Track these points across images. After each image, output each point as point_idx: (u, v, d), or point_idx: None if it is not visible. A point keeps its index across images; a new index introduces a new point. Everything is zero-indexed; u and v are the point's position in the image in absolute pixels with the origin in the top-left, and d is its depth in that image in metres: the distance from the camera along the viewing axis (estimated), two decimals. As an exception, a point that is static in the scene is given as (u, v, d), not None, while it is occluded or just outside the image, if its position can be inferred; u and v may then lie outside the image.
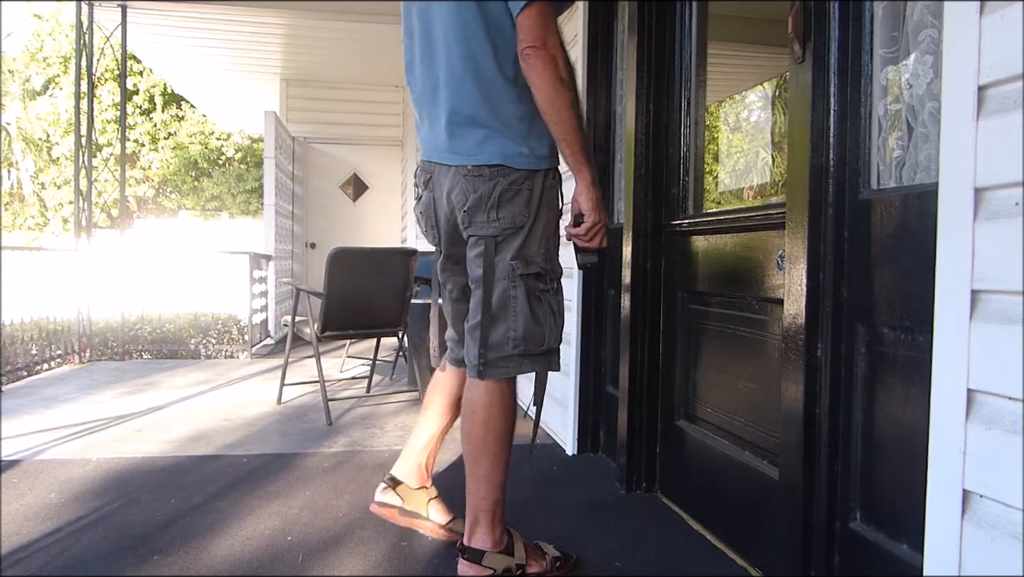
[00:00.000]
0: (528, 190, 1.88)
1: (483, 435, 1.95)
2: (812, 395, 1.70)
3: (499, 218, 1.86)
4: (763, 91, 5.52)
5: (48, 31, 18.52)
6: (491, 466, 1.96)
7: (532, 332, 1.89)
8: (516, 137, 1.87)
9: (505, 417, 1.96)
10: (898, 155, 1.57)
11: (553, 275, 1.94)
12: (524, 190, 1.88)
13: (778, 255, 1.92)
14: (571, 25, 3.47)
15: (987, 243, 1.16)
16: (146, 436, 3.44)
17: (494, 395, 1.93)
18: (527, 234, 1.88)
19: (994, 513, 1.15)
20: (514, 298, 1.88)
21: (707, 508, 2.35)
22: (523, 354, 1.90)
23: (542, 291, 1.91)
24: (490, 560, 1.93)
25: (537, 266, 1.89)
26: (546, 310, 1.91)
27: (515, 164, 1.86)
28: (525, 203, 1.87)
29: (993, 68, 1.15)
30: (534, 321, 1.89)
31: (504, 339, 1.89)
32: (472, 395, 1.95)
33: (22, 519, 2.35)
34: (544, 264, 1.91)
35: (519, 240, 1.88)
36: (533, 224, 1.88)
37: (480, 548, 1.94)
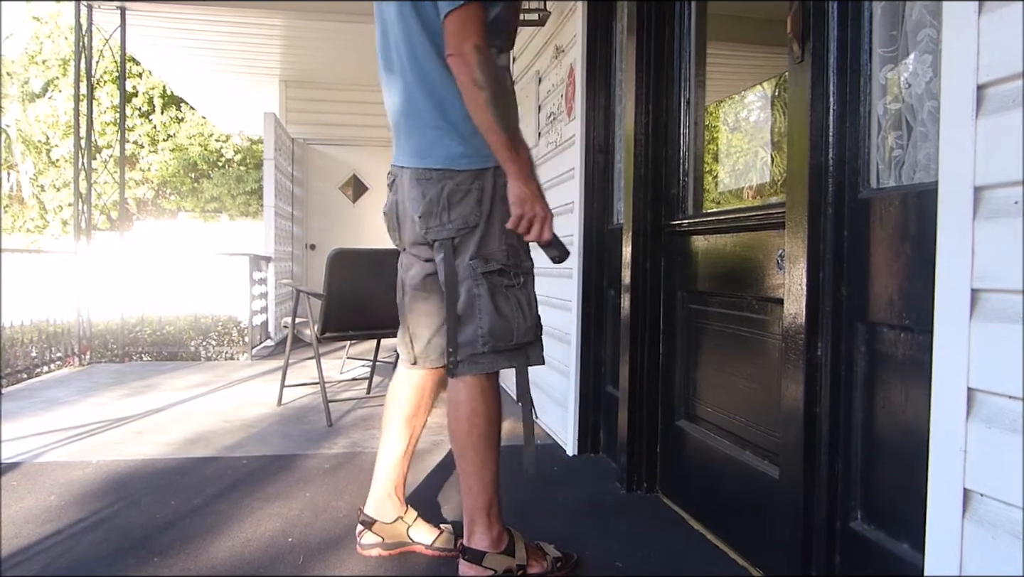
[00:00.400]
0: (478, 189, 1.89)
1: (467, 432, 1.97)
2: (812, 394, 1.70)
3: (451, 220, 1.89)
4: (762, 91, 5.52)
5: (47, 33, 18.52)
6: (480, 463, 1.97)
7: (499, 328, 1.90)
8: (461, 137, 1.89)
9: (487, 414, 1.97)
10: (897, 154, 1.57)
11: (519, 269, 1.93)
12: (474, 190, 1.89)
13: (778, 255, 1.92)
14: (570, 25, 3.48)
15: (987, 242, 1.16)
16: (146, 438, 3.44)
17: (473, 392, 1.95)
18: (483, 232, 1.89)
19: (995, 512, 1.15)
20: (478, 296, 1.90)
21: (708, 508, 2.35)
22: (494, 351, 1.92)
23: (507, 287, 1.92)
24: (491, 561, 1.93)
25: (498, 263, 1.90)
26: (512, 305, 1.92)
27: (459, 165, 1.89)
28: (476, 203, 1.89)
29: (992, 67, 1.15)
30: (500, 317, 1.90)
31: (474, 337, 1.91)
32: (453, 394, 1.97)
33: (22, 521, 2.35)
34: (507, 260, 1.91)
35: (476, 239, 1.89)
36: (488, 222, 1.89)
37: (480, 548, 1.94)
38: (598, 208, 3.23)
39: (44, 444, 3.28)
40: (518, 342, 1.93)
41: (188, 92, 9.11)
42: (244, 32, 6.48)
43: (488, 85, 1.77)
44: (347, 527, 2.33)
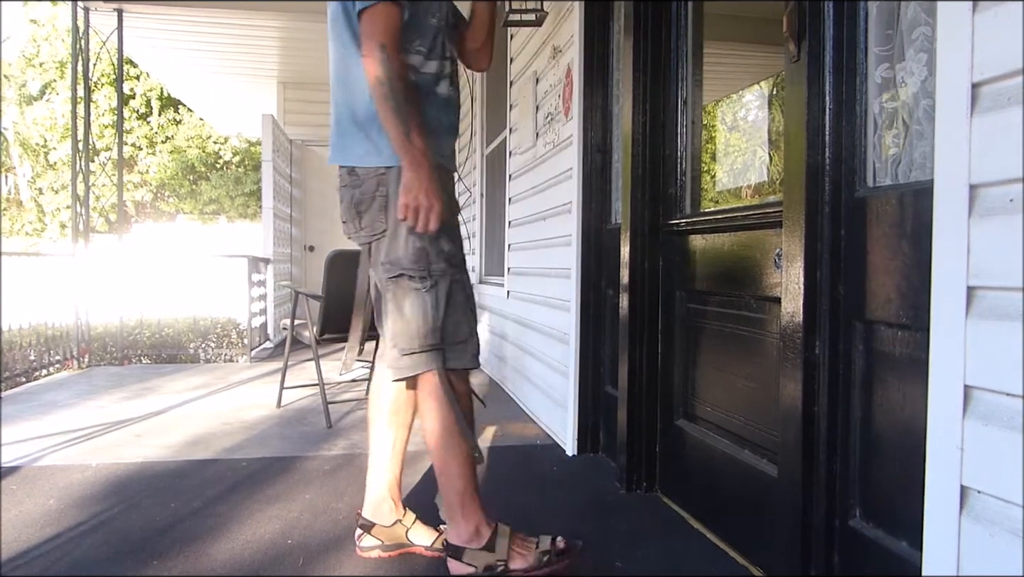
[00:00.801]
0: (382, 196, 1.95)
1: (423, 430, 2.02)
2: (810, 393, 1.70)
3: (363, 227, 1.99)
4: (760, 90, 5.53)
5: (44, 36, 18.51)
6: (442, 461, 1.99)
7: (401, 332, 1.95)
8: (367, 136, 1.95)
9: (434, 411, 1.97)
10: (893, 153, 1.58)
11: (426, 273, 1.94)
12: (378, 197, 1.95)
13: (775, 254, 1.92)
14: (567, 26, 3.48)
15: (982, 239, 1.16)
16: (145, 441, 3.44)
17: (417, 391, 2.01)
18: (391, 237, 1.95)
19: (992, 509, 1.15)
20: (386, 301, 1.96)
21: (707, 507, 2.36)
22: (406, 353, 1.95)
23: (415, 290, 1.94)
24: (470, 557, 1.95)
25: (400, 268, 1.94)
26: (416, 309, 1.93)
27: (364, 163, 1.94)
28: (380, 209, 1.95)
29: (986, 65, 1.16)
30: (403, 321, 1.95)
31: (392, 341, 1.97)
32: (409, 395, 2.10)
33: (21, 525, 2.35)
34: (412, 264, 1.94)
35: (385, 244, 1.96)
36: (395, 226, 1.93)
37: (458, 544, 1.97)
38: (596, 208, 3.23)
39: (43, 448, 3.28)
40: (424, 345, 1.94)
41: (186, 94, 9.11)
42: (242, 34, 6.48)
43: (387, 81, 1.83)
44: (347, 529, 2.33)
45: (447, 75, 2.06)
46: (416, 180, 1.84)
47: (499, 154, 5.35)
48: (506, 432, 3.65)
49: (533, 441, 3.49)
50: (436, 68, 2.02)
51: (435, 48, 2.02)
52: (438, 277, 1.95)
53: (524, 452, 3.31)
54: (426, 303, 1.93)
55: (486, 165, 6.08)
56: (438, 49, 2.02)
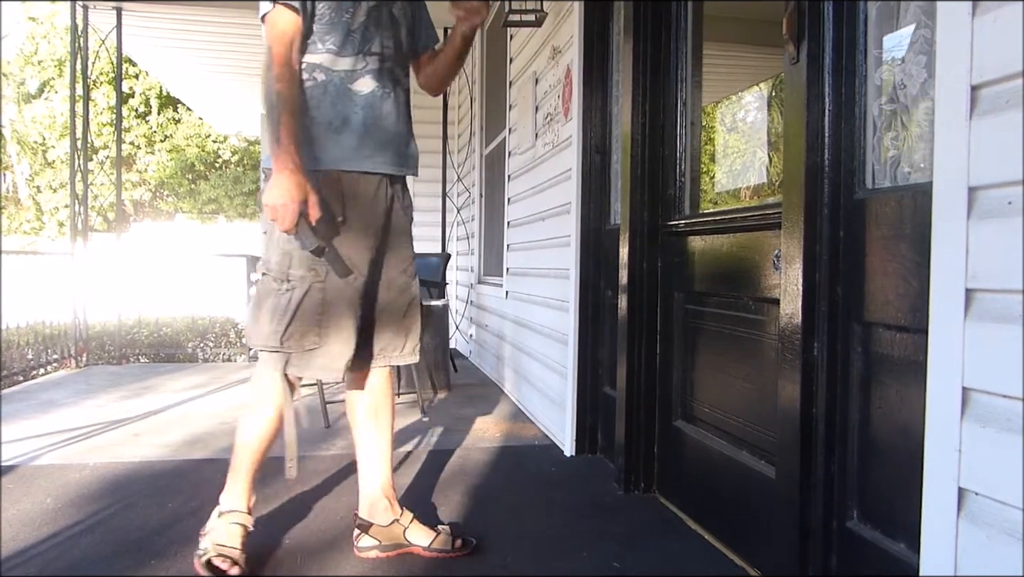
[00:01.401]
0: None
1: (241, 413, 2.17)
2: (808, 394, 1.70)
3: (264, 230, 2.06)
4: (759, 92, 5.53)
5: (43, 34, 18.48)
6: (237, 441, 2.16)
7: (252, 329, 2.04)
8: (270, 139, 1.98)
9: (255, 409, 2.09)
10: (893, 155, 1.58)
11: (285, 277, 1.97)
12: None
13: (774, 255, 1.92)
14: (567, 26, 3.48)
15: (981, 242, 1.16)
16: (143, 440, 3.44)
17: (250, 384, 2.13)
18: (268, 239, 2.01)
19: (990, 511, 1.15)
20: (253, 296, 2.04)
21: (705, 508, 2.36)
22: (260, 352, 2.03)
23: (273, 291, 1.99)
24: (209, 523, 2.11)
25: (266, 267, 2.00)
26: (268, 310, 1.99)
27: (267, 164, 1.97)
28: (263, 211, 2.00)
29: (986, 68, 1.16)
30: (255, 322, 2.02)
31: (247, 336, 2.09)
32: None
33: (18, 525, 2.35)
34: (275, 266, 1.99)
35: (264, 245, 2.04)
36: (271, 227, 1.97)
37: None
38: (595, 209, 3.23)
39: (41, 446, 3.28)
40: (266, 346, 1.99)
41: (185, 93, 9.09)
42: (241, 32, 6.46)
43: (269, 83, 1.89)
44: (344, 529, 2.32)
45: (369, 71, 2.04)
46: (276, 181, 1.86)
47: (498, 154, 5.35)
48: (504, 432, 3.65)
49: (531, 442, 3.49)
50: (350, 64, 2.01)
51: (348, 45, 2.00)
52: (296, 283, 1.96)
53: (522, 452, 3.31)
54: (278, 306, 1.97)
55: (485, 165, 6.08)
56: (352, 46, 2.01)
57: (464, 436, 3.55)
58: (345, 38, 2.00)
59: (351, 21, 2.01)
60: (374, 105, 2.04)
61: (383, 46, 2.06)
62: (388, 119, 2.08)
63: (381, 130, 2.06)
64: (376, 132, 2.05)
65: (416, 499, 2.61)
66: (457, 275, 6.97)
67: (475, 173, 6.28)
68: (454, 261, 6.81)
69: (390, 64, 2.08)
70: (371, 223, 2.06)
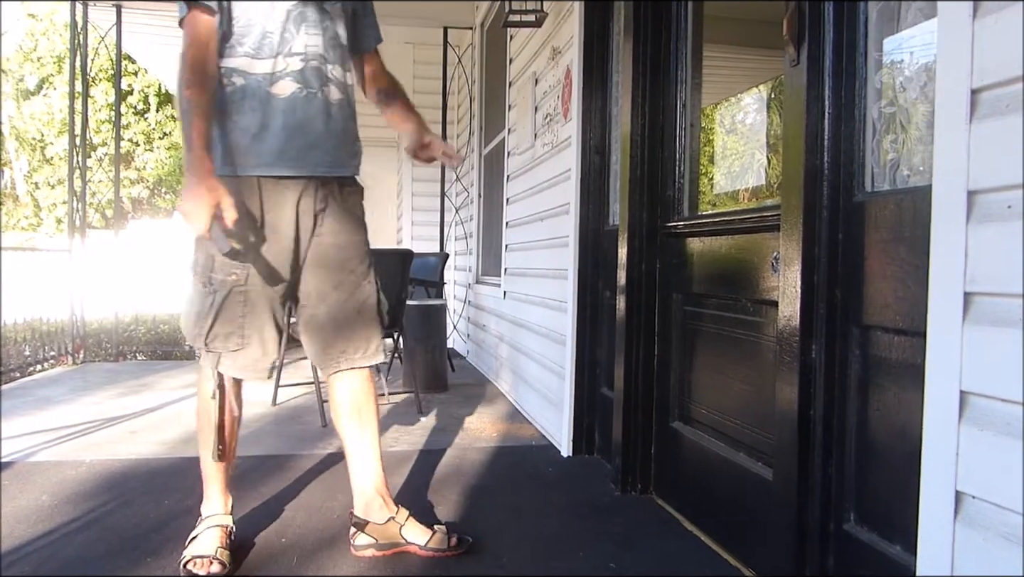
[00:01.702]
0: None
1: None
2: (806, 397, 1.70)
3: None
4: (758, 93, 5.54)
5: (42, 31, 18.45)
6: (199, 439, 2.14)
7: (183, 324, 2.10)
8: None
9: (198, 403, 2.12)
10: (892, 157, 1.58)
11: (208, 280, 2.00)
12: None
13: (773, 257, 1.92)
14: (567, 27, 3.48)
15: (980, 245, 1.16)
16: (140, 438, 3.43)
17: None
18: (196, 242, 2.01)
19: (986, 514, 1.15)
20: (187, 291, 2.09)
21: (702, 509, 2.36)
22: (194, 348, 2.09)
23: (198, 291, 2.02)
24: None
25: (195, 268, 2.03)
26: (194, 308, 2.03)
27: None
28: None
29: (986, 72, 1.16)
30: (185, 320, 2.08)
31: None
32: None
33: (14, 521, 2.35)
34: (201, 267, 2.01)
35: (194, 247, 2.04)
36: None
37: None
38: (594, 209, 3.23)
39: (37, 443, 3.27)
40: (193, 342, 2.06)
41: (184, 91, 9.07)
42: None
43: (180, 87, 1.92)
44: (341, 527, 2.32)
45: (290, 74, 1.99)
46: (187, 185, 1.84)
47: (497, 155, 5.35)
48: (501, 432, 3.65)
49: (528, 442, 3.49)
50: (269, 67, 1.98)
51: (266, 47, 1.98)
52: (217, 286, 1.99)
53: (519, 453, 3.31)
54: (203, 308, 2.01)
55: (484, 165, 6.08)
56: (270, 48, 1.98)
57: (461, 436, 3.55)
58: (262, 40, 1.98)
59: (269, 22, 1.98)
60: (295, 108, 2.00)
61: (307, 46, 2.01)
62: (314, 121, 2.03)
63: (305, 133, 2.02)
64: (299, 136, 2.02)
65: (413, 498, 2.61)
66: (455, 275, 6.96)
67: (474, 173, 6.28)
68: (452, 261, 6.81)
69: (316, 63, 2.03)
70: (296, 227, 2.05)
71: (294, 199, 2.03)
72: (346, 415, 2.19)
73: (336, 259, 2.12)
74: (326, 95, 2.05)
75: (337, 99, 2.08)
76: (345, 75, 2.12)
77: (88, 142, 6.13)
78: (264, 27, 1.98)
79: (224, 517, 2.10)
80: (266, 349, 2.07)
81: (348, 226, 2.14)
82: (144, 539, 2.22)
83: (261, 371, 2.09)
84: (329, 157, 2.07)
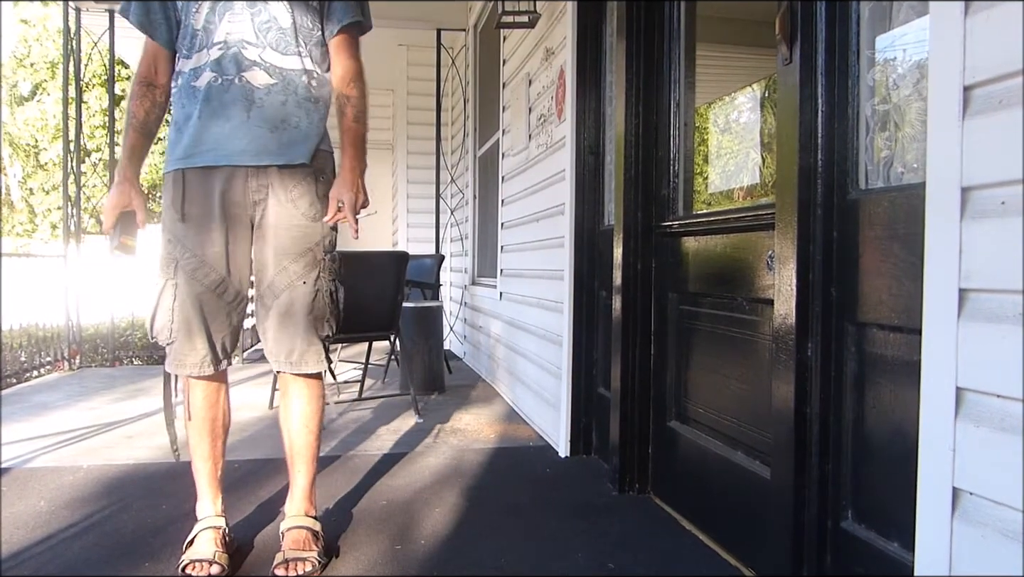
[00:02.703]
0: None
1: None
2: (803, 394, 1.70)
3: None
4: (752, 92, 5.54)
5: (35, 36, 18.40)
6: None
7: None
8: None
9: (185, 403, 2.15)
10: (886, 155, 1.58)
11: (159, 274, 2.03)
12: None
13: (768, 255, 1.92)
14: (560, 27, 3.48)
15: (974, 242, 1.17)
16: (137, 443, 3.42)
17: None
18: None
19: (984, 510, 1.15)
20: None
21: (699, 508, 2.36)
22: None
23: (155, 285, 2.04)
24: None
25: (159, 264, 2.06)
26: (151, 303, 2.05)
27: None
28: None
29: (978, 68, 1.16)
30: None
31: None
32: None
33: (12, 527, 2.34)
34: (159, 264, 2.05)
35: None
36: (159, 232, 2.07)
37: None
38: (589, 210, 3.23)
39: (34, 449, 3.26)
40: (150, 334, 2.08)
41: (178, 95, 9.06)
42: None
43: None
44: (340, 530, 2.32)
45: (209, 64, 1.98)
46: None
47: (492, 156, 5.35)
48: (499, 433, 3.65)
49: (526, 443, 3.49)
50: (195, 63, 2.00)
51: (194, 45, 2.01)
52: (159, 281, 2.02)
53: (517, 454, 3.31)
54: (154, 300, 2.03)
55: (479, 166, 6.08)
56: (196, 45, 2.00)
57: (459, 437, 3.55)
58: (192, 40, 2.01)
59: (197, 20, 2.00)
60: (211, 97, 1.97)
61: (227, 34, 1.98)
62: (231, 109, 1.97)
63: (222, 122, 1.97)
64: (215, 125, 1.98)
65: (411, 501, 2.60)
66: (451, 276, 6.96)
67: (469, 174, 6.28)
68: (448, 262, 6.81)
69: (237, 50, 1.97)
70: (222, 219, 2.00)
71: (219, 190, 1.99)
72: (282, 417, 2.18)
73: (271, 255, 2.03)
74: (246, 81, 1.97)
75: (265, 84, 1.99)
76: (285, 59, 2.00)
77: (82, 147, 6.11)
78: (194, 26, 2.00)
79: (217, 519, 2.09)
80: (194, 344, 2.00)
81: (285, 220, 2.02)
82: (142, 543, 2.22)
83: (191, 366, 2.02)
84: (254, 145, 1.98)
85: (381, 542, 2.25)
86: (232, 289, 2.04)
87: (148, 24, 2.03)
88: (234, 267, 2.03)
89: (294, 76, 2.02)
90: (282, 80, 2.00)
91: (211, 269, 2.00)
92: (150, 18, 2.02)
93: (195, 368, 2.03)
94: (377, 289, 3.99)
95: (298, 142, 2.02)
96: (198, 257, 1.99)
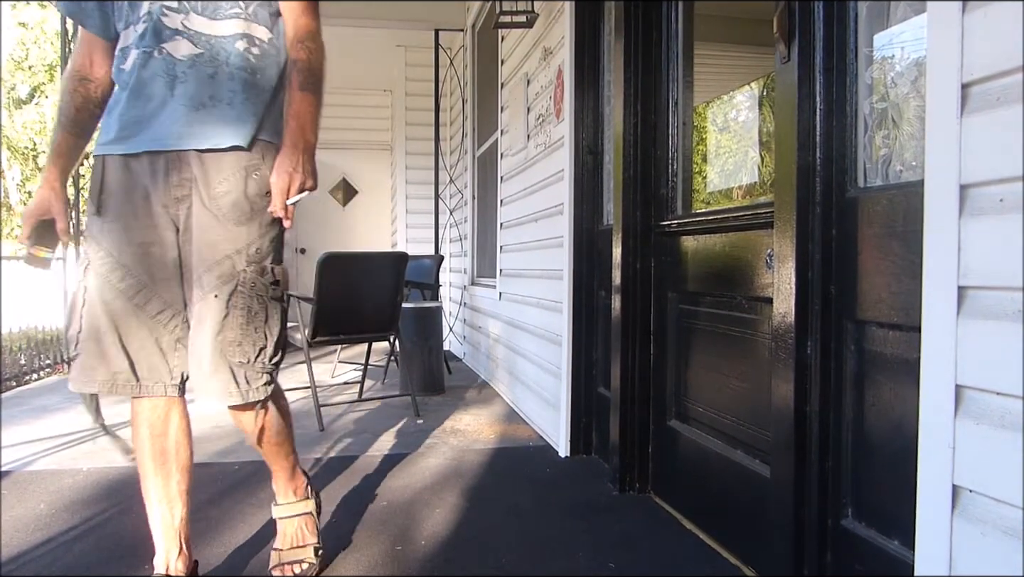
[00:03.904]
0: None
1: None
2: (802, 393, 1.70)
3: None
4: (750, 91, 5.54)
5: (33, 39, 18.41)
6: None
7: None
8: None
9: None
10: (884, 153, 1.58)
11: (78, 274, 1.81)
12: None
13: (767, 254, 1.92)
14: (558, 27, 3.48)
15: (973, 239, 1.17)
16: (137, 445, 3.42)
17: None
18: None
19: (984, 508, 1.15)
20: None
21: (700, 508, 2.36)
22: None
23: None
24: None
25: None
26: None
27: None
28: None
29: (976, 66, 1.16)
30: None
31: None
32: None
33: (12, 530, 2.34)
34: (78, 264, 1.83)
35: None
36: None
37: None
38: (588, 209, 3.23)
39: (34, 452, 3.26)
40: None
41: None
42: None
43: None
44: (339, 531, 2.32)
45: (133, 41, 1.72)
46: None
47: (491, 156, 5.35)
48: (499, 434, 3.65)
49: (526, 443, 3.49)
50: (122, 42, 1.77)
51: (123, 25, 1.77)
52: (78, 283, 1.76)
53: (517, 454, 3.31)
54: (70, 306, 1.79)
55: (478, 167, 6.08)
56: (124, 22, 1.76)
57: (459, 438, 3.55)
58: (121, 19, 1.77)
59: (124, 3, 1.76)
60: (134, 77, 1.71)
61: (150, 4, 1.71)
62: (151, 85, 1.70)
63: (144, 102, 1.71)
64: (138, 107, 1.71)
65: (411, 501, 2.60)
66: (450, 277, 6.96)
67: (468, 175, 6.28)
68: (447, 263, 6.81)
69: (157, 20, 1.70)
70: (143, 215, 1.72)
71: (140, 182, 1.72)
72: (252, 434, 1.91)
73: (198, 256, 1.72)
74: (167, 53, 1.69)
75: (188, 54, 1.69)
76: (214, 24, 1.71)
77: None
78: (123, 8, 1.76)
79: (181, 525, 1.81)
80: (105, 357, 1.71)
81: (204, 220, 1.71)
82: (142, 546, 2.20)
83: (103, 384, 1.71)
84: (176, 128, 1.69)
85: (382, 543, 2.25)
86: (158, 300, 1.73)
87: (78, 11, 1.80)
88: (159, 273, 1.73)
89: (225, 43, 1.71)
90: (209, 49, 1.70)
91: (127, 272, 1.71)
92: (80, 4, 1.79)
93: (105, 385, 1.71)
94: (376, 290, 3.99)
95: (229, 122, 1.70)
96: (114, 257, 1.71)
